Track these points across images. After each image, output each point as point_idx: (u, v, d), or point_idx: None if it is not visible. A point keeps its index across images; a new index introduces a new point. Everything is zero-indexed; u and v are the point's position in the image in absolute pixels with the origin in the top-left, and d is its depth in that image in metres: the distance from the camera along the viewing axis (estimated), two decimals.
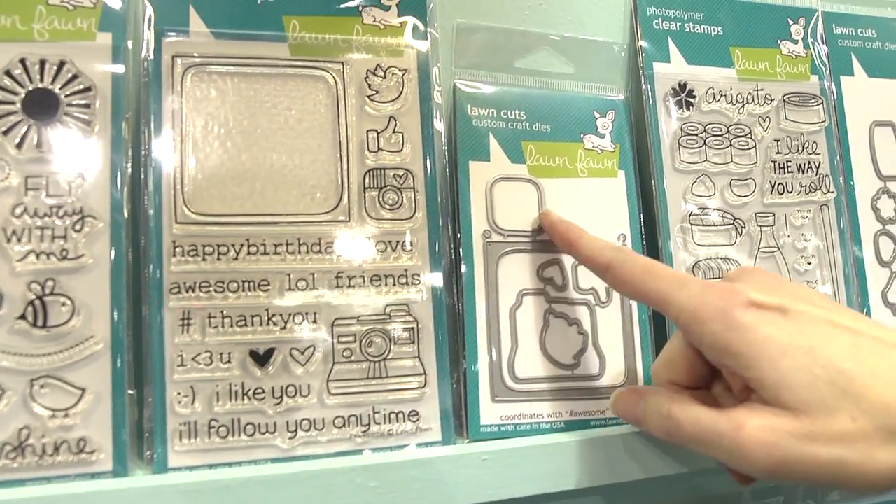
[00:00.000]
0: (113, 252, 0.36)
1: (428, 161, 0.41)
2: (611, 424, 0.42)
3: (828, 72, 0.51)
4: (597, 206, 0.44)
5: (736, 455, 0.30)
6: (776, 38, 0.50)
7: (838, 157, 0.50)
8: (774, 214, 0.47)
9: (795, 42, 0.50)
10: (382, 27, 0.41)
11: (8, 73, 0.36)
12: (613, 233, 0.44)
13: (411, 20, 0.42)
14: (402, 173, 0.40)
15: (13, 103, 0.36)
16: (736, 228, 0.46)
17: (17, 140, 0.35)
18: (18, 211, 0.35)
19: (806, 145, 0.49)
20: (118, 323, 0.35)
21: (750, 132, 0.48)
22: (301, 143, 0.39)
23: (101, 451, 0.34)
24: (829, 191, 0.49)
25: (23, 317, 0.34)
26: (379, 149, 0.40)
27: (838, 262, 0.48)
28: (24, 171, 0.35)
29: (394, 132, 0.40)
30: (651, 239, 0.45)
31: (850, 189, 0.50)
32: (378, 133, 0.40)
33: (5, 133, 0.35)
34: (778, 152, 0.48)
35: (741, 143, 0.47)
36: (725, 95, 0.47)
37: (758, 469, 0.30)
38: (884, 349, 0.30)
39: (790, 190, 0.48)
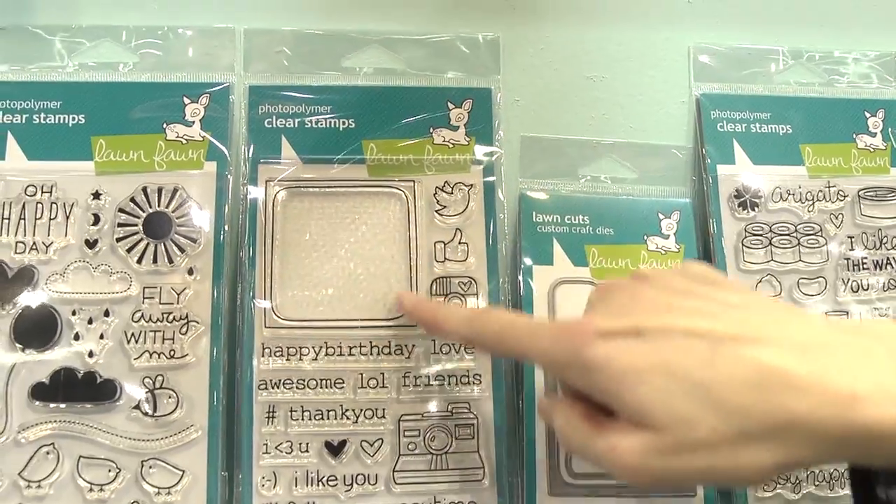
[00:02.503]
0: (212, 352, 0.43)
1: (489, 269, 0.45)
2: None
3: None
4: None
5: (613, 473, 0.32)
6: (851, 132, 0.51)
7: None
8: (848, 313, 0.48)
9: (873, 135, 0.51)
10: (451, 146, 0.47)
11: (133, 200, 0.44)
12: None
13: (478, 138, 0.47)
14: (466, 281, 0.45)
15: (136, 225, 0.44)
16: None
17: (138, 256, 0.43)
18: (136, 316, 0.43)
19: (885, 241, 0.50)
20: (215, 414, 0.42)
21: (821, 230, 0.49)
22: (375, 254, 0.45)
23: None
24: None
25: (137, 406, 0.42)
26: (446, 258, 0.45)
27: None
28: (142, 282, 0.43)
29: (459, 243, 0.46)
30: None
31: None
32: (445, 244, 0.45)
33: (129, 250, 0.43)
34: (852, 249, 0.49)
35: (811, 241, 0.49)
36: (794, 194, 0.49)
37: (638, 484, 0.31)
38: (744, 349, 0.30)
39: (865, 288, 0.49)
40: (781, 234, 0.49)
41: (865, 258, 0.49)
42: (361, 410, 0.43)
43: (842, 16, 0.54)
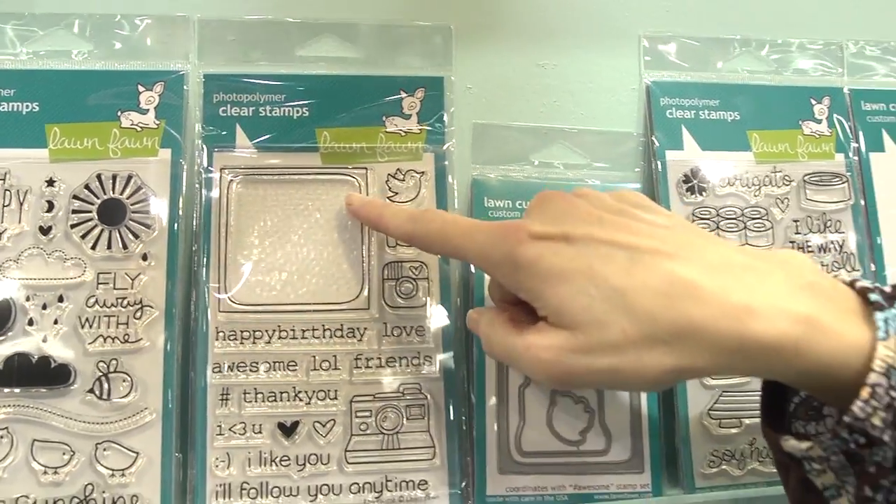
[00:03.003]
0: (165, 336, 0.44)
1: None
2: (615, 499, 0.46)
3: (855, 149, 0.53)
4: None
5: (528, 370, 0.35)
6: (797, 119, 0.53)
7: (866, 236, 0.52)
8: None
9: (819, 122, 0.53)
10: (403, 134, 0.48)
11: (87, 187, 0.45)
12: None
13: (430, 126, 0.48)
14: (417, 265, 0.46)
15: (90, 212, 0.45)
16: None
17: (92, 243, 0.44)
18: (91, 302, 0.44)
19: (829, 224, 0.51)
20: (168, 397, 0.43)
21: (767, 214, 0.51)
22: (328, 240, 0.46)
23: None
24: (853, 269, 0.51)
25: (91, 390, 0.43)
26: (397, 244, 0.46)
27: None
28: (96, 268, 0.44)
29: None
30: None
31: (881, 267, 0.51)
32: None
33: (83, 237, 0.44)
34: (797, 232, 0.51)
35: (757, 224, 0.50)
36: (741, 179, 0.51)
37: (547, 381, 0.35)
38: (660, 262, 0.33)
39: None
40: (728, 218, 0.50)
41: (810, 241, 0.51)
42: (314, 392, 0.44)
43: (790, 5, 0.56)
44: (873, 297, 0.32)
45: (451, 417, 0.45)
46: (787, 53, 0.54)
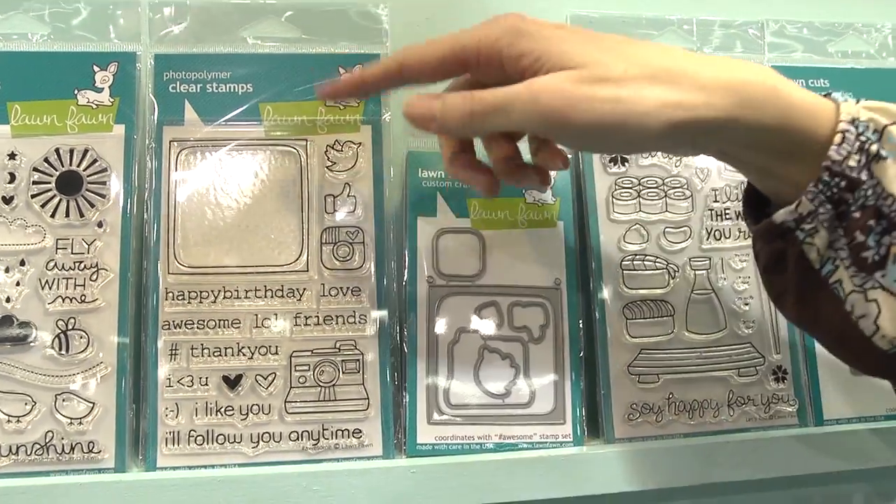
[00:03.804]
0: (120, 297, 0.48)
1: (377, 219, 0.51)
2: (537, 448, 0.50)
3: None
4: (535, 253, 0.53)
5: (526, 103, 0.37)
6: None
7: None
8: (710, 259, 0.54)
9: None
10: (342, 107, 0.52)
11: (46, 160, 0.49)
12: (551, 277, 0.53)
13: (367, 100, 0.52)
14: (353, 230, 0.51)
15: (49, 183, 0.49)
16: (669, 272, 0.53)
17: (52, 211, 0.49)
18: (51, 265, 0.48)
19: None
20: (123, 352, 0.48)
21: (687, 184, 0.55)
22: (270, 207, 0.50)
23: (105, 451, 0.47)
24: None
25: (51, 346, 0.47)
26: (335, 210, 0.51)
27: None
28: (56, 234, 0.48)
29: (348, 196, 0.51)
30: (586, 283, 0.53)
31: None
32: (335, 197, 0.51)
33: (43, 206, 0.49)
34: (715, 201, 0.55)
35: (677, 194, 0.54)
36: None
37: (547, 112, 0.37)
38: (654, 43, 0.40)
39: (727, 236, 0.54)
40: (650, 187, 0.54)
41: (729, 209, 0.55)
42: (257, 348, 0.49)
43: None
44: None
45: (384, 372, 0.49)
46: (709, 29, 0.58)
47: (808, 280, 0.37)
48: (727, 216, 0.55)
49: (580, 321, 0.53)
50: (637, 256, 0.53)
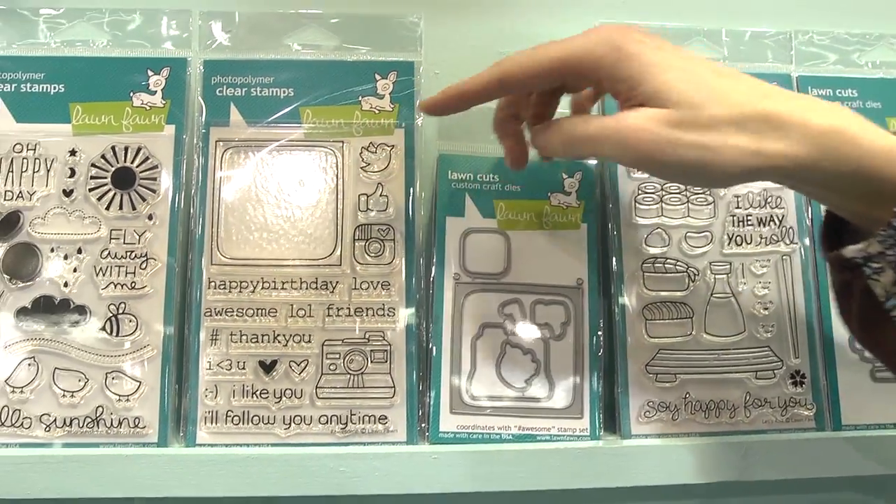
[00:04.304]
0: (167, 285, 0.52)
1: (407, 218, 0.54)
2: (555, 440, 0.53)
3: None
4: (559, 253, 0.55)
5: (616, 142, 0.40)
6: None
7: (807, 212, 0.57)
8: (731, 263, 0.56)
9: None
10: (377, 112, 0.55)
11: (103, 157, 0.54)
12: (573, 277, 0.55)
13: (401, 105, 0.55)
14: (385, 228, 0.54)
15: (105, 178, 0.53)
16: (690, 276, 0.56)
17: (107, 204, 0.53)
18: (104, 254, 0.52)
19: (769, 200, 0.57)
20: (168, 336, 0.52)
21: (709, 190, 0.57)
22: (307, 204, 0.54)
23: (150, 427, 0.51)
24: (792, 242, 0.57)
25: (103, 328, 0.52)
26: (368, 208, 0.54)
27: (800, 310, 0.56)
28: (110, 225, 0.53)
29: (381, 195, 0.54)
30: (607, 284, 0.56)
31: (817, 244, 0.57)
32: (368, 196, 0.54)
33: (99, 199, 0.53)
34: (738, 207, 0.57)
35: (699, 199, 0.56)
36: None
37: (635, 152, 0.40)
38: (741, 75, 0.41)
39: (749, 241, 0.56)
40: (672, 193, 0.57)
41: (751, 215, 0.57)
42: (291, 336, 0.52)
43: None
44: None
45: (410, 363, 0.53)
46: (740, 40, 0.60)
47: (872, 310, 0.40)
48: (749, 222, 0.57)
49: (600, 320, 0.55)
50: (658, 259, 0.56)
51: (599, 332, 0.55)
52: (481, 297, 0.55)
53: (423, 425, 0.53)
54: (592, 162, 0.57)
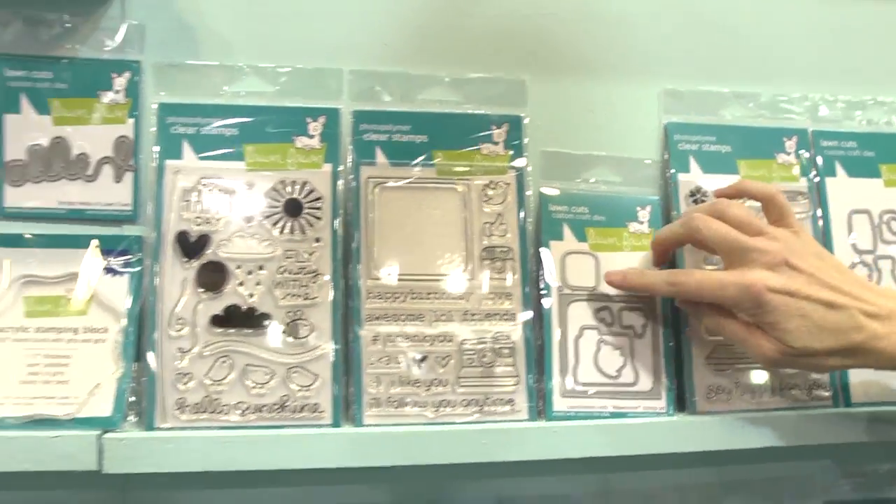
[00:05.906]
0: (333, 295, 0.66)
1: (521, 242, 0.69)
2: (641, 416, 0.68)
3: (814, 174, 0.76)
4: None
5: (751, 354, 0.63)
6: (773, 151, 0.76)
7: (821, 237, 0.75)
8: None
9: (789, 154, 0.77)
10: (494, 156, 0.71)
11: (274, 189, 0.67)
12: None
13: (513, 151, 0.71)
14: (504, 250, 0.69)
15: (278, 207, 0.66)
16: None
17: (280, 229, 0.66)
18: (280, 270, 0.66)
19: None
20: (336, 338, 0.65)
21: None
22: (441, 231, 0.69)
23: (325, 411, 0.64)
24: None
25: (284, 332, 0.64)
26: (491, 234, 0.69)
27: None
28: (283, 246, 0.66)
29: (500, 224, 0.69)
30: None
31: None
32: (490, 224, 0.69)
33: (273, 224, 0.66)
34: None
35: None
36: None
37: (762, 363, 0.66)
38: (843, 311, 0.61)
39: None
40: None
41: None
42: (436, 336, 0.67)
43: (773, 60, 0.80)
44: None
45: (530, 358, 0.68)
46: (758, 98, 0.78)
47: None
48: None
49: (671, 322, 0.71)
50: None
51: (671, 332, 0.71)
52: (580, 305, 0.70)
53: (541, 406, 0.68)
54: (657, 197, 0.74)
